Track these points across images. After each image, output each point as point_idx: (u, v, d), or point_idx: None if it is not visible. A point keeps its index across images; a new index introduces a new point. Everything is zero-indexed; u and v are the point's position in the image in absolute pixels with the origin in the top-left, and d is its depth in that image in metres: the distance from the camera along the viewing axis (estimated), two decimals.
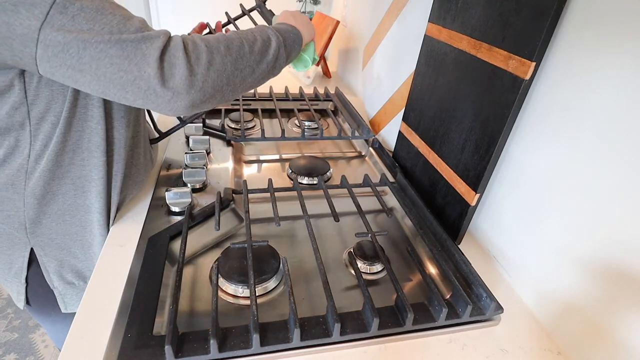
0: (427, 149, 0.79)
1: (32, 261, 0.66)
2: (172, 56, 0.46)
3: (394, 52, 1.05)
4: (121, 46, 0.44)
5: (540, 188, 0.57)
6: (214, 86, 0.49)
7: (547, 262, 0.56)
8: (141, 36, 0.45)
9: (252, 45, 0.54)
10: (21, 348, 1.41)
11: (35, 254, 0.65)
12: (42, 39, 0.43)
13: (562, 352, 0.53)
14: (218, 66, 0.49)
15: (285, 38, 0.59)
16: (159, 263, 0.59)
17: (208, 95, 0.50)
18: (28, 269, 0.67)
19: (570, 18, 0.50)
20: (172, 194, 0.71)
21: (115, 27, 0.45)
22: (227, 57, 0.51)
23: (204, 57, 0.48)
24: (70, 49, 0.44)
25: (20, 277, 0.68)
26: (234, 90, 0.53)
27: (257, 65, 0.54)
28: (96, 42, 0.44)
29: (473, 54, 0.64)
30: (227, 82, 0.51)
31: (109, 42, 0.44)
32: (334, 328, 0.49)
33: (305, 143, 1.06)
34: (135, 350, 0.46)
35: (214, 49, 0.49)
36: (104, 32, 0.44)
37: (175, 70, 0.46)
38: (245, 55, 0.53)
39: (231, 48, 0.51)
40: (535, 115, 0.57)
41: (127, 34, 0.45)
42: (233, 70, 0.51)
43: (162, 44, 0.46)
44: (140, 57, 0.45)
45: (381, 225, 0.78)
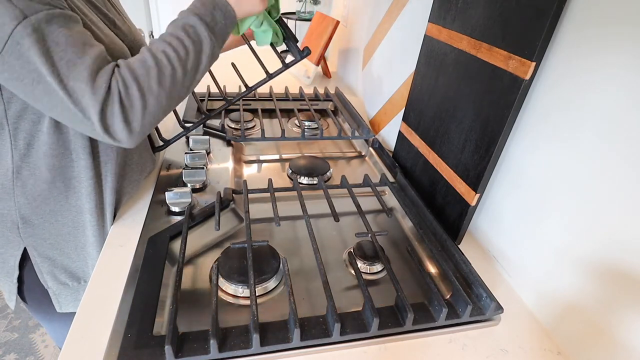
0: (427, 149, 0.79)
1: (26, 261, 0.67)
2: (110, 113, 0.48)
3: (394, 52, 1.05)
4: (67, 92, 0.46)
5: (540, 188, 0.57)
6: (151, 123, 0.52)
7: (547, 262, 0.56)
8: (85, 85, 0.47)
9: (185, 64, 0.53)
10: (21, 348, 1.41)
11: (29, 254, 0.66)
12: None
13: (562, 352, 0.53)
14: (152, 107, 0.51)
15: (216, 34, 0.56)
16: (159, 263, 0.59)
17: (147, 129, 0.52)
18: (22, 269, 0.67)
19: (570, 18, 0.50)
20: (172, 194, 0.71)
21: (65, 67, 0.46)
22: (161, 94, 0.51)
23: (138, 105, 0.49)
24: (24, 79, 0.45)
25: (12, 277, 0.68)
26: (169, 111, 0.55)
27: (192, 81, 0.55)
28: (49, 80, 0.45)
29: (473, 54, 0.64)
30: (164, 112, 0.53)
31: (59, 83, 0.46)
32: (334, 328, 0.49)
33: (305, 143, 1.06)
34: (135, 350, 0.46)
35: (146, 91, 0.50)
36: (54, 72, 0.45)
37: (115, 126, 0.49)
38: (179, 80, 0.53)
39: (163, 81, 0.51)
40: (535, 115, 0.57)
41: (74, 80, 0.46)
42: (168, 101, 0.53)
43: (101, 98, 0.47)
44: (83, 109, 0.47)
45: (381, 225, 0.78)
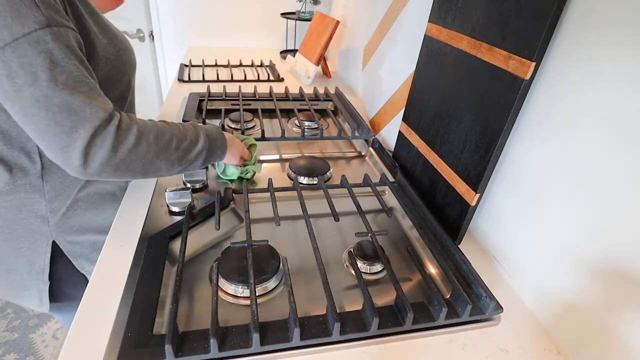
0: (427, 149, 0.79)
1: (56, 256, 0.69)
2: (102, 136, 0.49)
3: (394, 52, 1.05)
4: (61, 108, 0.46)
5: (540, 188, 0.57)
6: (128, 167, 0.53)
7: (547, 262, 0.56)
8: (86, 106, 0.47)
9: (180, 143, 0.58)
10: (21, 348, 1.41)
11: (59, 245, 0.69)
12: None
13: (562, 352, 0.53)
14: (141, 151, 0.53)
15: (211, 145, 0.64)
16: (159, 263, 0.59)
17: (119, 173, 0.52)
18: (53, 265, 0.69)
19: (570, 18, 0.50)
20: (172, 194, 0.71)
21: (71, 80, 0.47)
22: (152, 146, 0.54)
23: (132, 139, 0.51)
24: (16, 78, 0.45)
25: (42, 276, 0.69)
26: (144, 174, 0.56)
27: (177, 161, 0.58)
28: (47, 85, 0.45)
29: (473, 54, 0.64)
30: (143, 166, 0.54)
31: (58, 91, 0.46)
32: (334, 327, 0.49)
33: (305, 143, 1.06)
34: (135, 350, 0.46)
35: (143, 135, 0.53)
36: (53, 79, 0.46)
37: (98, 153, 0.49)
38: (170, 150, 0.57)
39: (160, 139, 0.55)
40: (535, 115, 0.57)
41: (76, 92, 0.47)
42: (153, 159, 0.55)
43: (100, 121, 0.48)
44: (74, 122, 0.47)
45: (381, 225, 0.78)
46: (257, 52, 1.85)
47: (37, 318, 1.52)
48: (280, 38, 1.96)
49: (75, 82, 0.48)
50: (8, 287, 0.71)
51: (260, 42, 1.96)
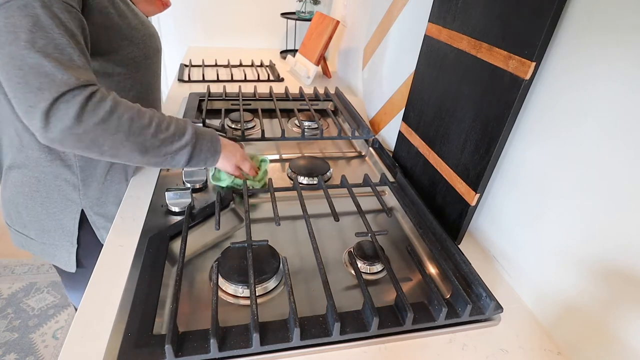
0: (427, 149, 0.79)
1: (84, 222, 0.76)
2: (67, 101, 0.49)
3: (394, 52, 1.05)
4: (33, 69, 0.48)
5: (540, 188, 0.57)
6: (93, 141, 0.52)
7: (547, 262, 0.56)
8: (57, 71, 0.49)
9: (159, 131, 0.57)
10: (21, 348, 1.41)
11: (86, 214, 0.75)
12: None
13: (562, 352, 0.53)
14: (110, 127, 0.52)
15: (199, 142, 0.63)
16: (159, 263, 0.59)
17: (82, 145, 0.52)
18: (80, 230, 0.76)
19: (570, 18, 0.50)
20: (172, 194, 0.71)
21: (50, 47, 0.49)
22: (123, 126, 0.54)
23: (101, 113, 0.52)
24: (0, 36, 0.47)
25: (72, 238, 0.76)
26: (114, 155, 0.56)
27: (152, 149, 0.57)
28: (25, 45, 0.48)
29: (473, 54, 0.64)
30: (111, 145, 0.54)
31: (33, 52, 0.48)
32: (334, 327, 0.49)
33: (305, 143, 1.06)
34: (135, 349, 0.46)
35: (116, 112, 0.53)
36: (32, 41, 0.48)
37: (60, 119, 0.49)
38: (145, 135, 0.56)
39: (135, 122, 0.55)
40: (535, 115, 0.57)
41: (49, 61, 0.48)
42: (122, 140, 0.54)
43: (68, 87, 0.49)
44: (41, 86, 0.48)
45: (381, 225, 0.78)
46: (257, 52, 1.86)
47: (37, 318, 1.52)
48: (280, 38, 1.96)
49: (55, 49, 0.49)
50: (42, 246, 0.78)
51: (260, 42, 1.96)
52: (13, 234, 0.80)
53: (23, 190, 0.72)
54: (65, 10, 0.51)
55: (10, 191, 0.74)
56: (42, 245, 0.78)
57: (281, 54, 1.84)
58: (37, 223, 0.75)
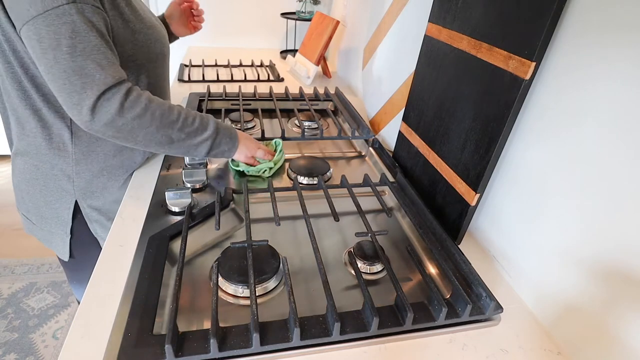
0: (427, 149, 0.79)
1: (77, 214, 0.78)
2: (108, 99, 0.57)
3: (394, 52, 1.05)
4: (75, 71, 0.55)
5: (540, 188, 0.57)
6: (130, 132, 0.60)
7: (547, 262, 0.56)
8: (96, 72, 0.56)
9: (185, 125, 0.65)
10: (21, 348, 1.41)
11: (79, 206, 0.77)
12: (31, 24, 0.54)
13: (562, 352, 0.53)
14: (145, 121, 0.60)
15: (218, 137, 0.71)
16: (159, 263, 0.59)
17: (121, 135, 0.61)
18: (73, 221, 0.78)
19: (570, 18, 0.50)
20: (172, 194, 0.71)
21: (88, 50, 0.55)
22: (156, 121, 0.62)
23: (138, 109, 0.59)
24: (43, 42, 0.53)
25: (66, 228, 0.78)
26: (146, 145, 0.64)
27: (178, 141, 0.66)
28: (67, 50, 0.54)
29: (473, 54, 0.64)
30: (144, 137, 0.62)
31: (75, 56, 0.54)
32: (334, 327, 0.49)
33: (305, 143, 1.06)
34: (135, 349, 0.46)
35: (150, 108, 0.61)
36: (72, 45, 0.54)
37: (104, 113, 0.57)
38: (173, 129, 0.64)
39: (165, 116, 0.63)
40: (535, 115, 0.57)
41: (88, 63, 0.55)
42: (153, 132, 0.62)
43: (107, 85, 0.56)
44: (85, 86, 0.55)
45: (381, 225, 0.78)
46: (257, 52, 1.86)
47: (37, 318, 1.52)
48: (280, 38, 1.96)
49: (91, 51, 0.56)
50: (41, 232, 0.82)
51: (260, 42, 1.96)
52: (22, 219, 0.84)
53: (25, 177, 0.75)
54: (95, 13, 0.57)
55: (17, 177, 0.78)
56: (42, 231, 0.81)
57: (281, 54, 1.84)
58: (37, 209, 0.78)
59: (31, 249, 1.81)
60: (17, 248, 1.83)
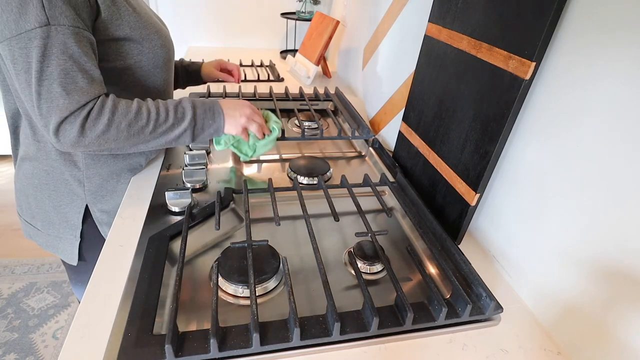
0: (427, 149, 0.79)
1: (87, 217, 0.78)
2: (70, 123, 0.57)
3: (394, 52, 1.05)
4: (42, 95, 0.56)
5: (540, 188, 0.57)
6: (100, 147, 0.61)
7: (547, 262, 0.56)
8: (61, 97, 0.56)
9: (157, 125, 0.64)
10: (21, 348, 1.41)
11: (90, 210, 0.77)
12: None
13: (562, 352, 0.53)
14: (110, 137, 0.61)
15: (199, 123, 0.68)
16: (159, 263, 0.59)
17: (91, 150, 0.62)
18: (83, 224, 0.78)
19: (570, 18, 0.50)
20: (172, 194, 0.71)
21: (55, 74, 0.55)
22: (123, 133, 0.61)
23: (100, 127, 0.59)
24: (17, 64, 0.55)
25: (75, 232, 0.79)
26: (123, 150, 0.65)
27: (155, 139, 0.65)
28: (35, 74, 0.55)
29: (473, 54, 0.64)
30: (116, 147, 0.63)
31: (42, 81, 0.55)
32: (334, 327, 0.49)
33: (305, 143, 1.06)
34: (135, 349, 0.46)
35: (113, 123, 0.60)
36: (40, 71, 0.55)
37: (67, 136, 0.58)
38: (143, 134, 0.63)
39: (132, 125, 0.62)
40: (535, 115, 0.57)
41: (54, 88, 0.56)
42: (123, 142, 0.62)
43: (69, 112, 0.57)
44: (49, 110, 0.56)
45: (381, 225, 0.78)
46: (257, 52, 1.85)
47: (37, 318, 1.52)
48: (280, 38, 1.96)
49: (59, 75, 0.56)
50: (47, 238, 0.81)
51: (260, 42, 1.96)
52: (23, 224, 0.83)
53: (33, 182, 0.75)
54: (71, 35, 0.56)
55: (22, 182, 0.77)
56: (47, 236, 0.81)
57: (281, 54, 1.84)
58: (44, 214, 0.78)
59: (31, 249, 1.81)
60: (17, 248, 1.83)
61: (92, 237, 0.80)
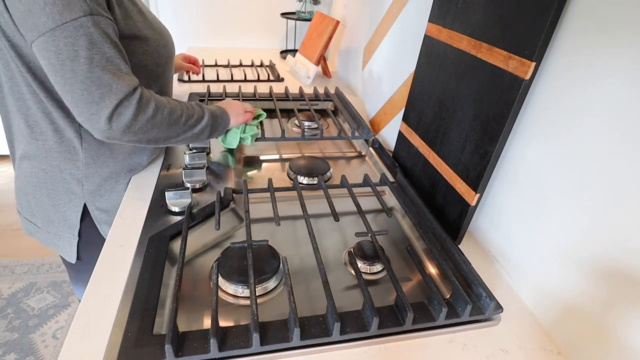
0: (427, 149, 0.79)
1: (86, 216, 0.79)
2: (125, 106, 0.59)
3: (394, 52, 1.05)
4: (93, 81, 0.56)
5: (540, 188, 0.57)
6: (145, 133, 0.63)
7: (547, 262, 0.56)
8: (113, 82, 0.57)
9: (188, 118, 0.69)
10: (21, 348, 1.41)
11: (88, 209, 0.78)
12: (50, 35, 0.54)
13: (562, 352, 0.53)
14: (157, 122, 0.64)
15: (214, 121, 0.75)
16: (159, 263, 0.59)
17: (136, 138, 0.63)
18: (81, 223, 0.79)
19: (570, 18, 0.50)
20: (172, 194, 0.71)
21: (103, 60, 0.57)
22: (165, 119, 0.65)
23: (150, 112, 0.62)
24: (61, 54, 0.55)
25: (73, 230, 0.79)
26: (155, 142, 0.67)
27: (183, 133, 0.69)
28: (85, 61, 0.55)
29: (473, 54, 0.64)
30: (157, 134, 0.65)
31: (93, 67, 0.56)
32: (334, 327, 0.49)
33: (305, 143, 1.06)
34: (135, 349, 0.46)
35: (159, 109, 0.64)
36: (90, 57, 0.56)
37: (120, 120, 0.59)
38: (179, 123, 0.68)
39: (172, 114, 0.66)
40: (535, 115, 0.57)
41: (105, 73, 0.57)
42: (164, 130, 0.65)
43: (123, 95, 0.58)
44: (103, 96, 0.57)
45: (381, 225, 0.78)
46: (257, 52, 1.85)
47: (37, 318, 1.52)
48: (280, 38, 1.96)
49: (107, 61, 0.57)
50: (47, 235, 0.82)
51: (260, 42, 1.96)
52: (23, 221, 0.84)
53: (32, 181, 0.75)
54: (109, 25, 0.59)
55: (21, 181, 0.77)
56: (47, 234, 0.81)
57: (281, 54, 1.84)
58: (43, 213, 0.78)
59: (31, 249, 1.81)
60: (17, 248, 1.83)
61: (91, 236, 0.81)
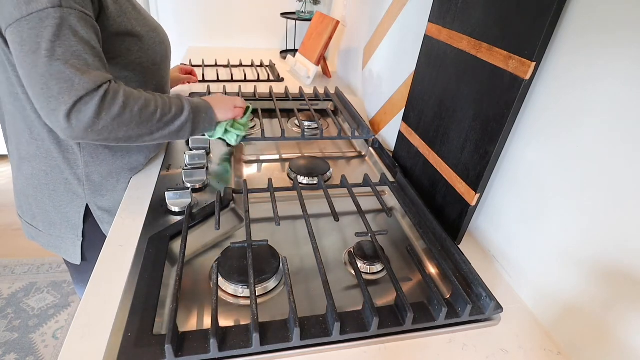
0: (427, 149, 0.79)
1: (88, 217, 0.78)
2: (85, 103, 0.55)
3: (394, 52, 1.05)
4: (53, 76, 0.53)
5: (540, 188, 0.57)
6: (111, 132, 0.59)
7: (547, 262, 0.56)
8: (75, 77, 0.54)
9: (163, 115, 0.65)
10: (21, 348, 1.41)
11: (90, 209, 0.77)
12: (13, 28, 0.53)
13: (562, 352, 0.53)
14: (124, 120, 0.60)
15: (195, 117, 0.71)
16: (159, 263, 0.59)
17: (101, 137, 0.59)
18: (85, 224, 0.78)
19: (570, 18, 0.50)
20: (172, 194, 0.71)
21: (67, 53, 0.54)
22: (135, 117, 0.61)
23: (115, 110, 0.58)
24: (24, 45, 0.53)
25: (77, 231, 0.79)
26: (126, 141, 0.63)
27: (158, 131, 0.65)
28: (46, 53, 0.53)
29: (473, 54, 0.64)
30: (125, 134, 0.61)
31: (53, 61, 0.53)
32: (334, 327, 0.49)
33: (305, 143, 1.06)
34: (135, 349, 0.46)
35: (128, 106, 0.60)
36: (51, 49, 0.53)
37: (80, 119, 0.55)
38: (152, 121, 0.64)
39: (144, 111, 0.62)
40: (535, 115, 0.57)
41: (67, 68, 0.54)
42: (134, 128, 0.62)
43: (85, 91, 0.55)
44: (62, 91, 0.54)
45: (381, 225, 0.78)
46: (257, 52, 1.85)
47: (37, 318, 1.52)
48: (280, 38, 1.96)
49: (72, 55, 0.54)
50: (49, 238, 0.81)
51: (260, 42, 1.96)
52: (24, 225, 0.83)
53: (32, 183, 0.75)
54: (80, 19, 0.56)
55: (21, 183, 0.77)
56: (49, 237, 0.80)
57: (281, 54, 1.84)
58: (44, 215, 0.78)
59: (31, 249, 1.81)
60: (17, 248, 1.83)
61: (94, 236, 0.81)
